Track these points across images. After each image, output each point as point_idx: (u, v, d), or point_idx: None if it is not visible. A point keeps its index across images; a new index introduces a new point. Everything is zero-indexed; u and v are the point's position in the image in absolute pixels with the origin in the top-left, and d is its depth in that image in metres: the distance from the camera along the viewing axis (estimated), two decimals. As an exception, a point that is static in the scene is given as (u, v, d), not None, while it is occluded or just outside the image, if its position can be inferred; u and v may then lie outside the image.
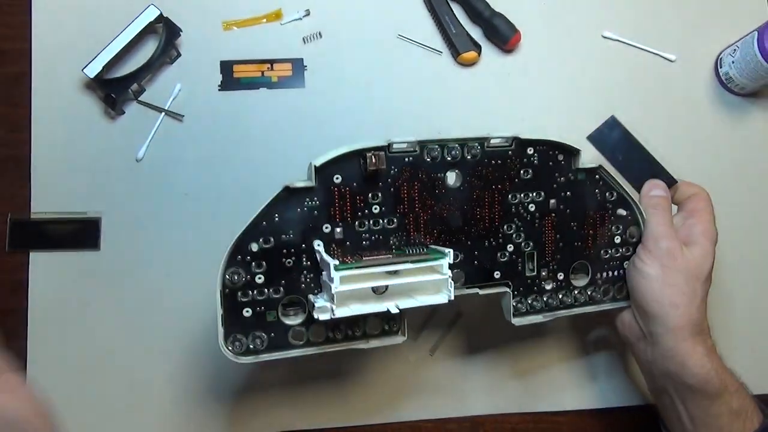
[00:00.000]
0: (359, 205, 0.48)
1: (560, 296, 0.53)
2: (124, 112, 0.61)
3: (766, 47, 0.60)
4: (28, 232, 0.58)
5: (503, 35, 0.64)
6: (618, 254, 0.54)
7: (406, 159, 0.49)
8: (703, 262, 0.51)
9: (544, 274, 0.53)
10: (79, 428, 0.56)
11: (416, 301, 0.45)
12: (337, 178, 0.48)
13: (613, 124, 0.55)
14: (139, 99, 0.61)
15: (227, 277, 0.46)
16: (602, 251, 0.54)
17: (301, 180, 0.47)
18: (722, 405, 0.49)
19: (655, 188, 0.54)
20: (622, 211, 0.54)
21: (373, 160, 0.46)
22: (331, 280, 0.43)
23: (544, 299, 0.53)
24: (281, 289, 0.47)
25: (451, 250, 0.45)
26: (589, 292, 0.54)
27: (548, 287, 0.53)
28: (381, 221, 0.49)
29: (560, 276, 0.53)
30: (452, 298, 0.45)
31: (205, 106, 0.61)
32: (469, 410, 0.60)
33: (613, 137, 0.56)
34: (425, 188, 0.49)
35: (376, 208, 0.48)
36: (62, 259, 0.58)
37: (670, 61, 0.67)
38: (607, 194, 0.53)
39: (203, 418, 0.58)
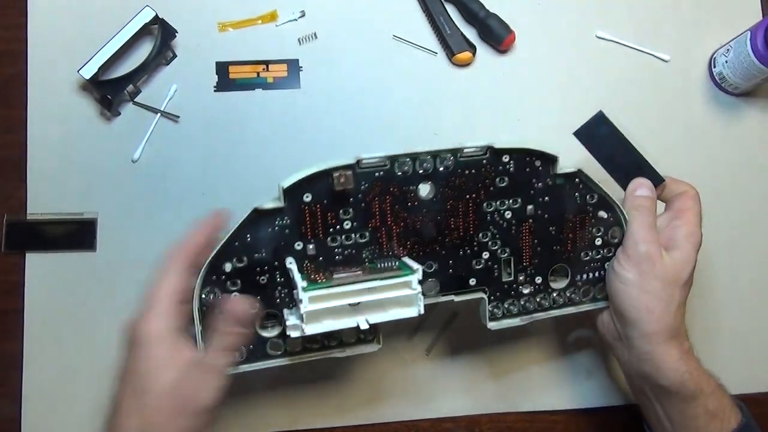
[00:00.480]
0: (330, 222, 0.48)
1: (538, 299, 0.53)
2: (120, 114, 0.61)
3: (759, 47, 0.61)
4: (24, 233, 0.58)
5: (498, 36, 0.64)
6: (599, 255, 0.53)
7: (377, 174, 0.48)
8: (683, 267, 0.50)
9: (521, 278, 0.52)
10: (76, 427, 0.56)
11: (387, 315, 0.45)
12: (307, 197, 0.47)
13: (600, 119, 0.53)
14: (134, 100, 0.61)
15: (203, 296, 0.46)
16: (582, 253, 0.53)
17: (271, 201, 0.46)
18: (698, 407, 0.49)
19: (640, 188, 0.52)
20: (603, 214, 0.53)
21: (341, 180, 0.45)
22: (300, 300, 0.43)
23: (522, 303, 0.53)
24: (257, 305, 0.47)
25: (420, 267, 0.46)
26: (568, 294, 0.54)
27: (526, 291, 0.53)
28: (353, 236, 0.48)
29: (538, 280, 0.53)
30: (422, 311, 0.46)
31: (200, 107, 0.61)
32: (466, 410, 0.60)
33: (601, 133, 0.53)
34: (397, 201, 0.48)
35: (347, 224, 0.48)
36: (58, 260, 0.58)
37: (664, 61, 0.67)
38: (587, 197, 0.52)
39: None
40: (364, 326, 0.44)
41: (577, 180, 0.52)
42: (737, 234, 0.65)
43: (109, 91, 0.59)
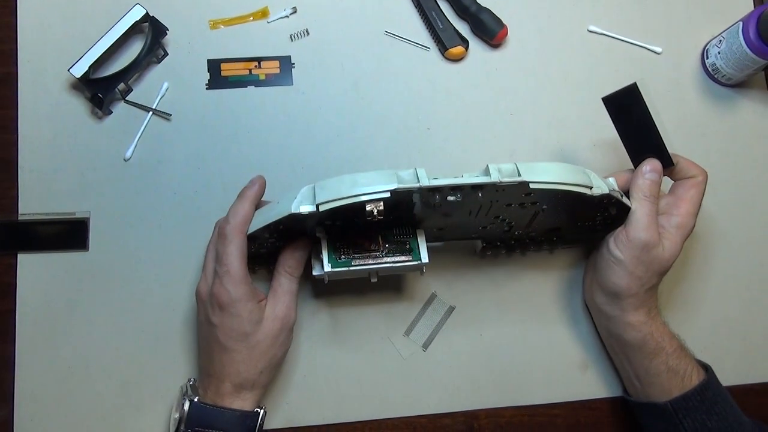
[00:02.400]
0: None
1: (527, 243, 0.60)
2: (112, 112, 0.61)
3: (751, 37, 0.61)
4: (16, 234, 0.58)
5: (490, 30, 0.64)
6: (595, 224, 0.56)
7: (411, 194, 0.49)
8: (669, 257, 0.54)
9: (517, 234, 0.58)
10: (69, 429, 0.56)
11: (395, 271, 0.53)
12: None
13: (632, 91, 0.53)
14: (126, 98, 0.61)
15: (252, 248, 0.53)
16: (579, 224, 0.57)
17: (304, 205, 0.48)
18: (660, 364, 0.54)
19: (651, 171, 0.54)
20: (614, 210, 0.54)
21: (374, 213, 0.47)
22: (324, 271, 0.51)
23: (511, 243, 0.60)
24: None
25: (428, 261, 0.52)
26: (554, 238, 0.60)
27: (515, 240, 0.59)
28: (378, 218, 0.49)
29: (532, 235, 0.59)
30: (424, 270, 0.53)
31: (192, 105, 0.61)
32: (463, 405, 0.59)
33: (629, 105, 0.54)
34: (421, 203, 0.50)
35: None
36: (50, 260, 0.58)
37: (657, 53, 0.67)
38: (605, 201, 0.53)
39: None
40: (374, 280, 0.53)
41: (605, 201, 0.53)
42: (731, 224, 0.65)
43: (100, 90, 0.58)
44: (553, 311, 0.62)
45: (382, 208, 0.46)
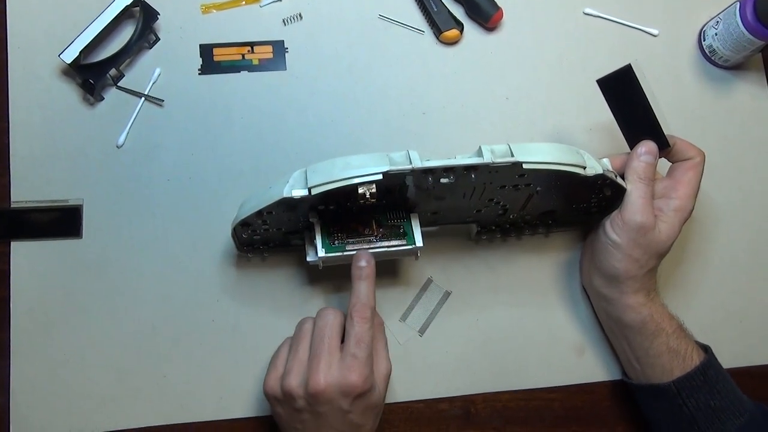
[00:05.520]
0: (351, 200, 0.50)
1: (522, 226, 0.60)
2: (103, 98, 0.60)
3: (748, 17, 0.60)
4: (9, 222, 0.57)
5: (485, 13, 0.63)
6: (590, 206, 0.57)
7: (404, 176, 0.48)
8: (666, 239, 0.53)
9: (511, 217, 0.58)
10: (65, 418, 0.56)
11: (389, 255, 0.53)
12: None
13: (627, 72, 0.52)
14: (118, 84, 0.60)
15: (243, 235, 0.54)
16: (574, 206, 0.57)
17: (295, 189, 0.47)
18: (661, 345, 0.54)
19: (646, 153, 0.54)
20: (608, 191, 0.54)
21: (367, 195, 0.46)
22: (318, 256, 0.51)
23: (506, 227, 0.60)
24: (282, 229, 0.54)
25: (422, 245, 0.52)
26: (549, 222, 0.60)
27: (510, 224, 0.59)
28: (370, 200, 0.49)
29: (527, 218, 0.58)
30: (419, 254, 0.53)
31: (185, 91, 0.61)
32: (460, 389, 0.59)
33: (624, 86, 0.53)
34: (414, 186, 0.50)
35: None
36: (44, 248, 0.58)
37: (653, 35, 0.66)
38: (599, 182, 0.53)
39: (191, 404, 0.57)
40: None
41: (599, 182, 0.52)
42: (729, 207, 0.65)
43: (91, 76, 0.58)
44: (550, 294, 0.61)
45: (374, 190, 0.46)
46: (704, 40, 0.66)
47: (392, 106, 0.63)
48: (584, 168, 0.50)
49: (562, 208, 0.57)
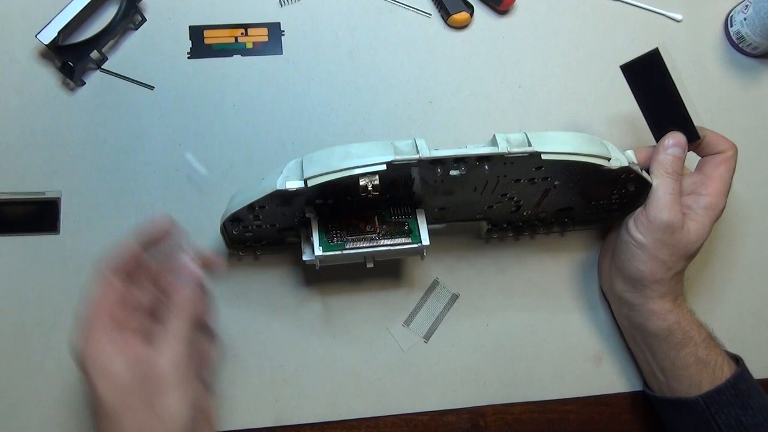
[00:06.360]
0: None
1: (536, 224, 0.57)
2: (85, 83, 0.58)
3: (782, 0, 0.56)
4: (-19, 216, 0.54)
5: (497, -6, 0.61)
6: (610, 203, 0.54)
7: (410, 168, 0.45)
8: (696, 240, 0.50)
9: (525, 214, 0.55)
10: (41, 417, 0.53)
11: (393, 255, 0.50)
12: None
13: (654, 58, 0.50)
14: (101, 67, 0.57)
15: (234, 231, 0.51)
16: (593, 203, 0.54)
17: (290, 181, 0.44)
18: (689, 355, 0.51)
19: (674, 146, 0.51)
20: (631, 186, 0.52)
21: (369, 188, 0.43)
22: (315, 256, 0.48)
23: (519, 225, 0.57)
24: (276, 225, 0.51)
25: (428, 243, 0.49)
26: (566, 219, 0.57)
27: (523, 221, 0.56)
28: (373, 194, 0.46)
29: (542, 215, 0.55)
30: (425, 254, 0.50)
31: (173, 76, 0.58)
32: (468, 400, 0.56)
33: (650, 73, 0.50)
34: (421, 179, 0.47)
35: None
36: (18, 244, 0.55)
37: (676, 21, 0.64)
38: (623, 176, 0.50)
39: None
40: (370, 265, 0.50)
41: (623, 175, 0.50)
42: (758, 204, 0.62)
43: (70, 58, 0.55)
44: (565, 299, 0.58)
45: (377, 182, 0.43)
46: (731, 26, 0.63)
47: (396, 94, 0.60)
48: (608, 160, 0.47)
49: (580, 204, 0.54)
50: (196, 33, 0.59)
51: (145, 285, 0.45)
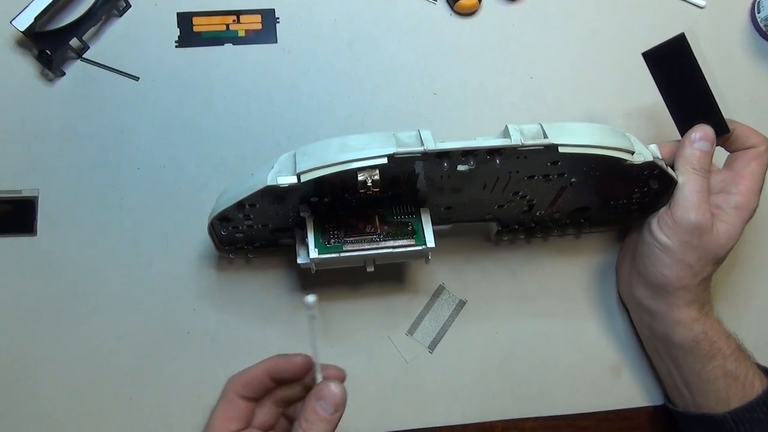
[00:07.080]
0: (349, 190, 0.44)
1: (550, 226, 0.55)
2: (64, 73, 0.55)
3: (815, -16, 0.53)
4: (-48, 215, 0.52)
5: (507, -21, 0.59)
6: (630, 202, 0.51)
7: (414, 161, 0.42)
8: (725, 242, 0.48)
9: (538, 214, 0.52)
10: (17, 423, 0.51)
11: (395, 258, 0.47)
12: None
13: (679, 43, 0.47)
14: (82, 56, 0.55)
15: (223, 232, 0.48)
16: (612, 202, 0.51)
17: (282, 176, 0.41)
18: (716, 368, 0.48)
19: (702, 140, 0.48)
20: (654, 184, 0.49)
21: (368, 184, 0.40)
22: (310, 258, 0.45)
23: (531, 226, 0.54)
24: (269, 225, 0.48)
25: (433, 246, 0.46)
26: (581, 220, 0.54)
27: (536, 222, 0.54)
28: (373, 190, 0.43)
29: (556, 216, 0.53)
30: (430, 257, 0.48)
31: (159, 66, 0.57)
32: (476, 415, 0.54)
33: (674, 60, 0.48)
34: (425, 175, 0.44)
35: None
36: (-8, 246, 0.53)
37: (699, 7, 0.62)
38: (646, 172, 0.47)
39: (156, 415, 0.51)
40: (370, 269, 0.48)
41: (646, 172, 0.47)
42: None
43: (48, 46, 0.53)
44: (581, 305, 0.56)
45: (377, 177, 0.40)
46: (759, 12, 0.60)
47: (399, 85, 0.58)
48: (632, 153, 0.43)
49: (597, 204, 0.51)
50: (185, 20, 0.57)
51: (267, 405, 0.44)
